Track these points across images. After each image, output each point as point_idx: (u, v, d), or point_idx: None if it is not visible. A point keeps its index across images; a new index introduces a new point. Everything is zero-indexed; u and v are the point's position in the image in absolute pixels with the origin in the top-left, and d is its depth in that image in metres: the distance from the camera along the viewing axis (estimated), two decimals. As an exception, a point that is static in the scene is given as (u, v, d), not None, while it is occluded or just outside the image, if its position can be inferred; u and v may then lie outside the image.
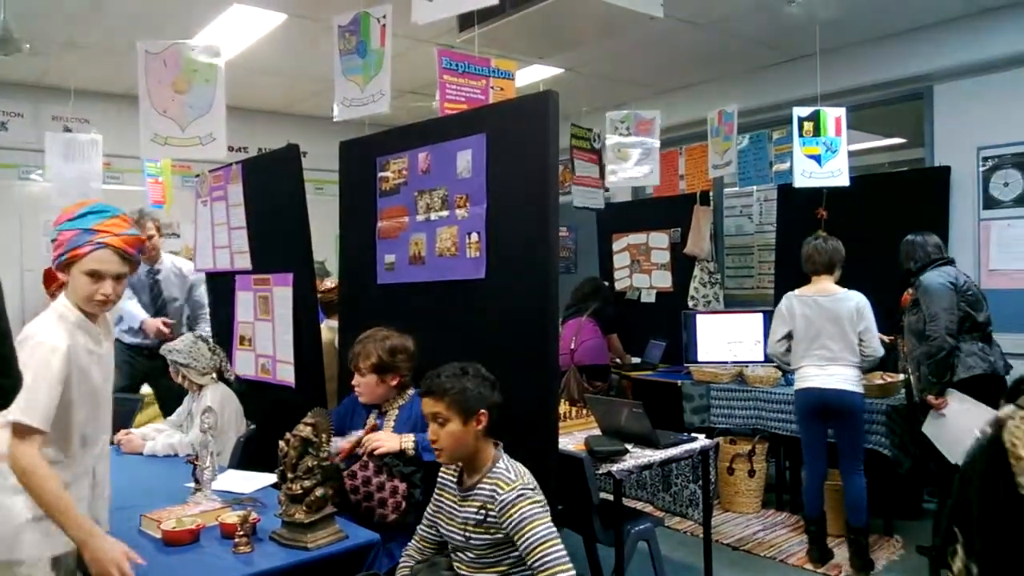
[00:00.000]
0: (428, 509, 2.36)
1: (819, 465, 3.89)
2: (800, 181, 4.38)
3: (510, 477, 2.15)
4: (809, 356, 3.83)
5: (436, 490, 2.34)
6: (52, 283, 5.58)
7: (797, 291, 3.98)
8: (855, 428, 3.78)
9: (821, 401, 3.80)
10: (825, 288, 3.85)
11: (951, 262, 3.79)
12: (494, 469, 2.18)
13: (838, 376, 3.74)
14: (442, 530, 2.28)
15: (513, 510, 2.08)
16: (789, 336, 3.91)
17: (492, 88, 3.45)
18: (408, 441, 2.61)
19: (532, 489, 2.13)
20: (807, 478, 4.00)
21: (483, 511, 2.15)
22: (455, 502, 2.25)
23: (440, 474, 2.35)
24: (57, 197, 4.85)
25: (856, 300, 3.76)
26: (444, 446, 2.19)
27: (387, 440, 2.62)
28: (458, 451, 2.20)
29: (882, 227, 4.76)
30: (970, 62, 4.75)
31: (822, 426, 3.85)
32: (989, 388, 3.55)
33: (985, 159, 4.75)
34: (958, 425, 3.54)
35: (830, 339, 3.77)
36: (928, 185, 4.88)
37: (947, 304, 3.58)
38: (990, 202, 4.73)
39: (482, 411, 2.17)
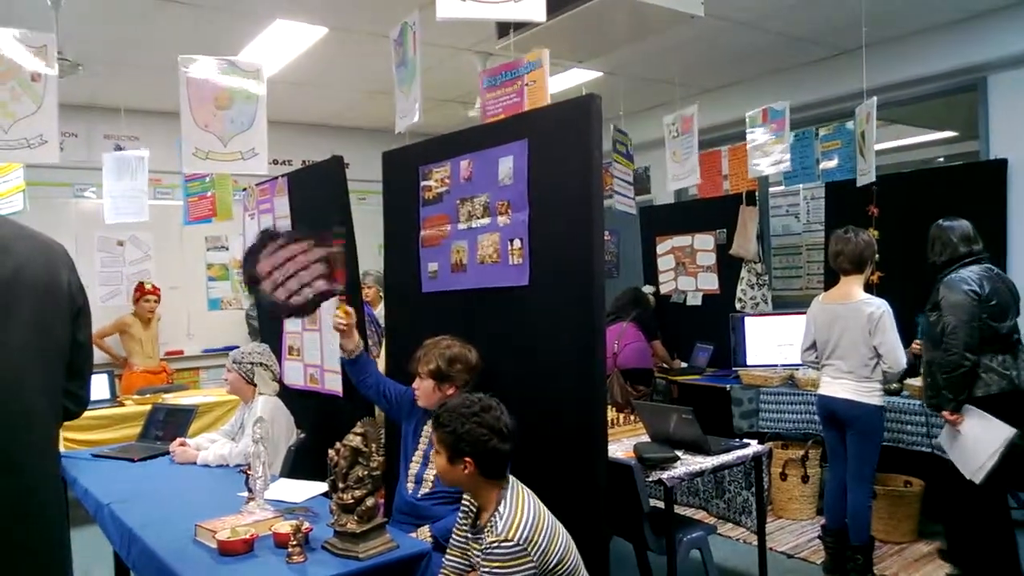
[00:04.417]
0: (452, 537, 2.29)
1: (839, 473, 3.74)
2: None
3: (498, 528, 2.03)
4: (826, 366, 3.72)
5: (459, 517, 2.29)
6: (137, 292, 5.76)
7: (822, 295, 3.85)
8: (863, 441, 3.57)
9: (829, 410, 3.69)
10: (848, 293, 3.64)
11: (979, 259, 3.47)
12: (495, 514, 2.09)
13: (847, 386, 3.59)
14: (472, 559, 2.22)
15: (484, 562, 2.02)
16: (815, 345, 3.79)
17: (526, 85, 3.41)
18: (424, 532, 2.63)
19: (517, 546, 1.99)
20: (827, 487, 3.88)
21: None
22: (470, 538, 2.20)
23: (462, 500, 2.29)
24: (111, 215, 4.98)
25: (871, 310, 3.50)
26: (437, 472, 2.22)
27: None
28: (448, 481, 2.21)
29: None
30: (1027, 51, 4.60)
31: (837, 435, 3.71)
32: (1010, 404, 3.34)
33: (1045, 150, 4.59)
34: (975, 442, 3.34)
35: (844, 352, 3.60)
36: (984, 179, 4.72)
37: (967, 317, 3.29)
38: (1050, 195, 4.57)
39: (468, 458, 2.08)
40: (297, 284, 2.86)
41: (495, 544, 2.00)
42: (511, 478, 2.18)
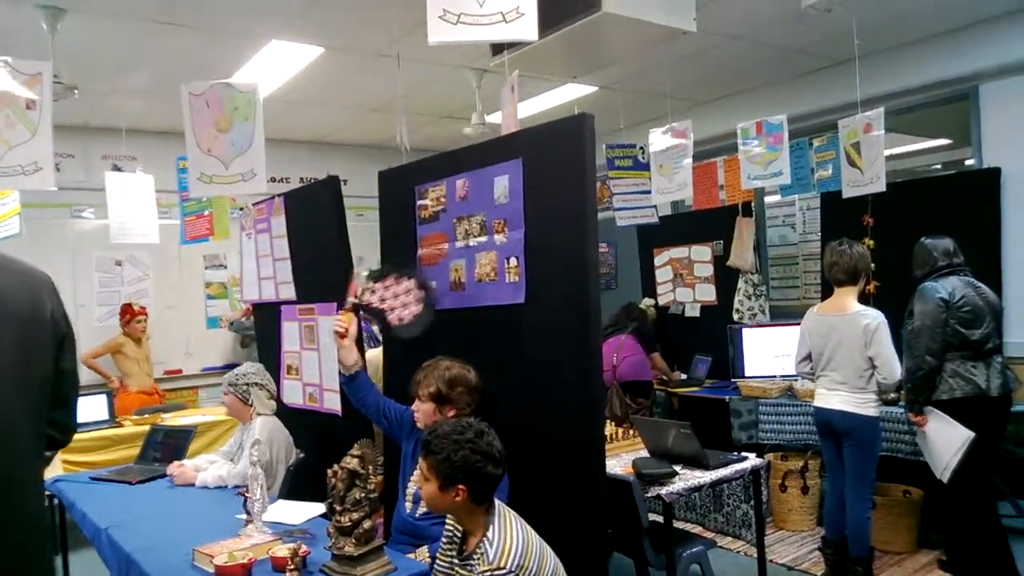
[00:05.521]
0: (436, 563, 2.28)
1: (837, 484, 3.75)
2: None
3: (489, 556, 2.01)
4: (822, 378, 3.74)
5: (443, 542, 2.27)
6: (126, 315, 5.74)
7: (817, 307, 3.88)
8: (860, 452, 3.59)
9: (826, 422, 3.71)
10: (843, 304, 3.67)
11: (957, 271, 3.58)
12: (483, 540, 2.07)
13: (843, 397, 3.61)
14: None
15: None
16: (810, 357, 3.81)
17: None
18: (423, 552, 2.62)
19: (510, 573, 1.98)
20: (827, 498, 3.90)
21: None
22: (457, 564, 2.18)
23: (445, 525, 2.27)
24: (118, 235, 5.01)
25: (867, 322, 3.54)
26: (424, 499, 2.18)
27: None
28: (437, 509, 2.19)
29: (931, 233, 4.64)
30: (1017, 60, 4.60)
31: (835, 446, 3.72)
32: (974, 409, 3.42)
33: (1037, 159, 4.61)
34: (939, 443, 3.49)
35: (840, 364, 3.63)
36: (977, 188, 4.74)
37: (931, 322, 3.43)
38: (1044, 203, 4.58)
39: (460, 486, 2.05)
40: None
41: (487, 573, 1.99)
42: (496, 501, 2.16)
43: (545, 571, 2.06)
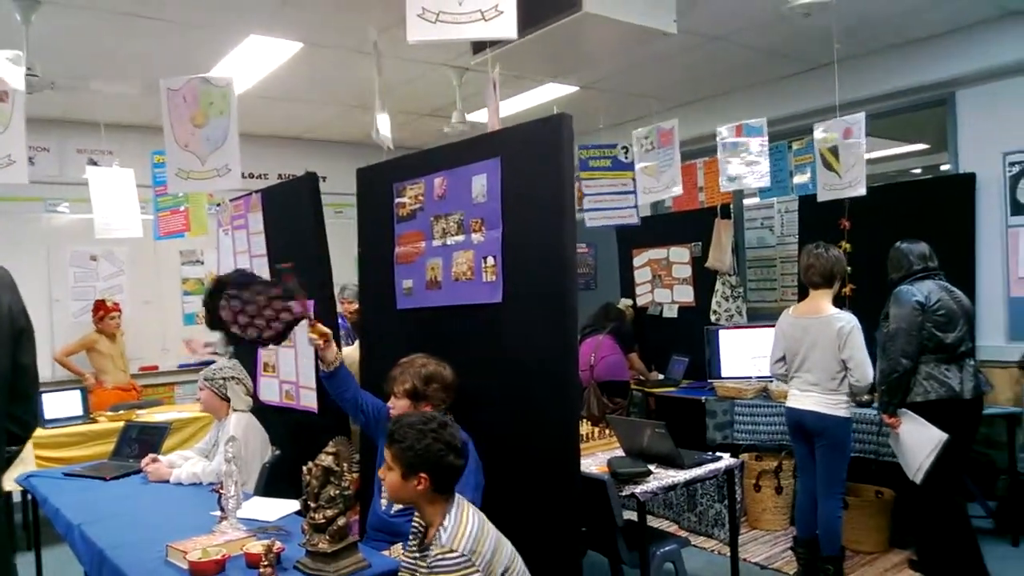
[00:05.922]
0: (402, 561, 2.28)
1: (809, 484, 3.80)
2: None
3: (442, 540, 2.03)
4: (795, 379, 3.78)
5: (409, 538, 2.28)
6: (99, 311, 5.70)
7: (792, 309, 3.93)
8: (832, 452, 3.64)
9: (798, 422, 3.75)
10: (817, 307, 3.71)
11: (933, 275, 3.64)
12: (439, 527, 2.08)
13: (815, 398, 3.66)
14: None
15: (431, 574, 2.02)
16: (784, 358, 3.85)
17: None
18: (397, 550, 2.62)
19: (462, 556, 1.99)
20: (798, 498, 3.94)
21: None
22: (418, 557, 2.19)
23: (412, 522, 2.28)
24: (103, 231, 4.96)
25: (841, 324, 3.58)
26: (387, 489, 2.19)
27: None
28: (399, 498, 2.19)
29: (906, 236, 4.70)
30: (994, 66, 4.68)
31: (806, 446, 3.77)
32: (947, 411, 3.48)
33: (1011, 164, 4.67)
34: (912, 444, 3.54)
35: (813, 365, 3.67)
36: (953, 192, 4.81)
37: (907, 325, 3.49)
38: (1018, 208, 4.65)
39: (422, 474, 2.07)
40: (265, 321, 2.91)
41: (440, 556, 2.00)
42: (457, 495, 2.17)
43: (499, 560, 2.07)
